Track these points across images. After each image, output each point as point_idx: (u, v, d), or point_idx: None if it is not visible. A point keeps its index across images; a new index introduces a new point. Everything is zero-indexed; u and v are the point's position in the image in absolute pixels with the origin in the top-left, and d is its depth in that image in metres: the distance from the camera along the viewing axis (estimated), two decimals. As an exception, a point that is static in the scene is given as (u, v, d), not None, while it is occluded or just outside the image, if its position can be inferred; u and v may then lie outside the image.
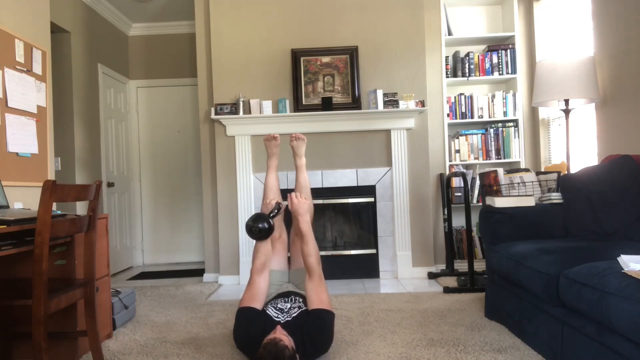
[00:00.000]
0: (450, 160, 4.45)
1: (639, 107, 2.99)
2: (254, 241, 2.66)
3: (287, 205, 2.65)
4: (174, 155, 5.76)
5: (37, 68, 3.18)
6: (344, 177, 4.32)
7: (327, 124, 4.27)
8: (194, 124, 5.74)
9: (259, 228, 2.36)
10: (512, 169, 3.57)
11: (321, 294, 2.33)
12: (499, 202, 2.89)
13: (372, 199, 4.32)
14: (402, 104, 4.21)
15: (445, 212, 4.36)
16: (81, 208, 4.51)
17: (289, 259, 2.88)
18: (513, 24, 4.41)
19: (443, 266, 4.45)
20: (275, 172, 2.95)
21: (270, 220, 2.41)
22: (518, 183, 3.21)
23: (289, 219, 2.68)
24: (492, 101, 4.43)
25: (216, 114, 4.25)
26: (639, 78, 2.98)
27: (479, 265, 4.33)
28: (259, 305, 2.34)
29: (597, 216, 2.65)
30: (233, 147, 4.34)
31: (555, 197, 2.96)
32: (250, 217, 2.52)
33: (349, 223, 4.57)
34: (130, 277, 4.93)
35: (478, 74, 4.44)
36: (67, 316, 2.48)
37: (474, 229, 4.39)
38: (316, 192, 4.28)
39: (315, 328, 2.20)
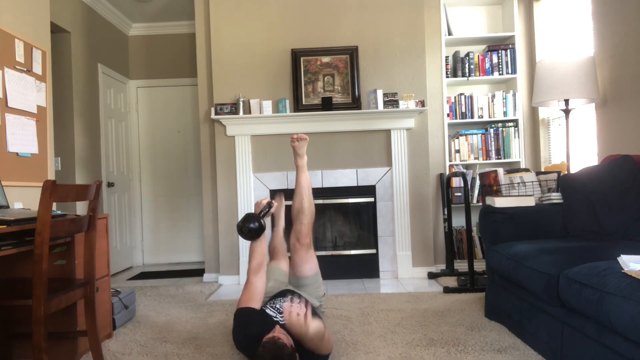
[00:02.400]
0: (450, 160, 4.45)
1: (639, 107, 2.99)
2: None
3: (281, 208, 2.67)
4: (174, 155, 5.76)
5: (37, 68, 3.18)
6: (344, 177, 4.32)
7: (327, 124, 4.27)
8: (194, 124, 5.74)
9: (249, 228, 2.36)
10: (512, 169, 3.57)
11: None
12: (499, 202, 2.89)
13: (372, 199, 4.32)
14: (402, 104, 4.21)
15: (445, 212, 4.36)
16: (81, 208, 4.51)
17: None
18: (513, 24, 4.41)
19: (443, 266, 4.45)
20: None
21: (261, 219, 2.40)
22: (518, 183, 3.21)
23: (290, 221, 2.67)
24: (492, 101, 4.43)
25: (216, 114, 4.25)
26: (639, 78, 2.98)
27: (479, 265, 4.33)
28: (257, 305, 2.34)
29: (597, 216, 2.65)
30: (233, 147, 4.34)
31: (555, 197, 2.96)
32: (241, 218, 2.52)
33: (349, 223, 4.57)
34: (130, 277, 4.93)
35: (478, 74, 4.44)
36: (67, 316, 2.48)
37: (474, 229, 4.39)
38: (316, 192, 4.27)
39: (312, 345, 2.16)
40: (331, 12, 4.34)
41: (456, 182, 4.35)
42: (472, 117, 4.45)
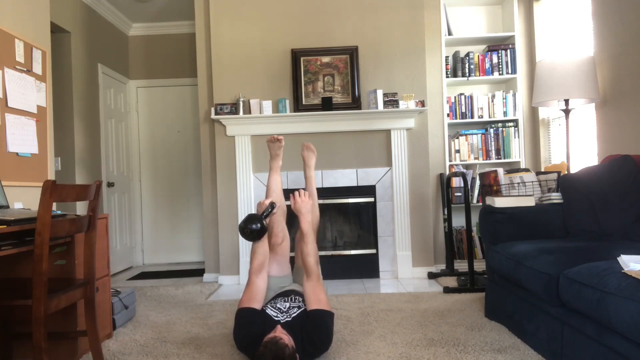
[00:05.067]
0: (450, 160, 4.45)
1: (639, 107, 2.99)
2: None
3: (287, 206, 2.65)
4: (174, 155, 5.76)
5: (37, 68, 3.18)
6: (344, 177, 4.32)
7: (327, 124, 4.27)
8: (194, 124, 5.74)
9: (250, 229, 2.36)
10: (512, 169, 3.57)
11: (319, 293, 2.34)
12: (499, 202, 2.89)
13: (372, 199, 4.32)
14: (402, 104, 4.21)
15: (445, 212, 4.36)
16: (81, 208, 4.51)
17: (292, 258, 2.88)
18: (513, 24, 4.41)
19: (443, 266, 4.45)
20: (278, 174, 2.94)
21: (264, 220, 2.40)
22: (518, 183, 3.21)
23: (293, 220, 2.68)
24: (492, 101, 4.43)
25: (216, 114, 4.25)
26: (639, 78, 2.98)
27: (479, 265, 4.33)
28: (258, 306, 2.34)
29: (597, 216, 2.65)
30: (233, 147, 4.34)
31: (555, 197, 2.96)
32: (243, 219, 2.52)
33: (349, 223, 4.57)
34: (130, 277, 4.93)
35: (478, 74, 4.44)
36: (67, 316, 2.48)
37: (474, 229, 4.39)
38: (316, 192, 4.27)
39: (314, 328, 2.21)
40: (331, 12, 4.34)
41: (456, 182, 4.35)
42: (472, 117, 4.45)
